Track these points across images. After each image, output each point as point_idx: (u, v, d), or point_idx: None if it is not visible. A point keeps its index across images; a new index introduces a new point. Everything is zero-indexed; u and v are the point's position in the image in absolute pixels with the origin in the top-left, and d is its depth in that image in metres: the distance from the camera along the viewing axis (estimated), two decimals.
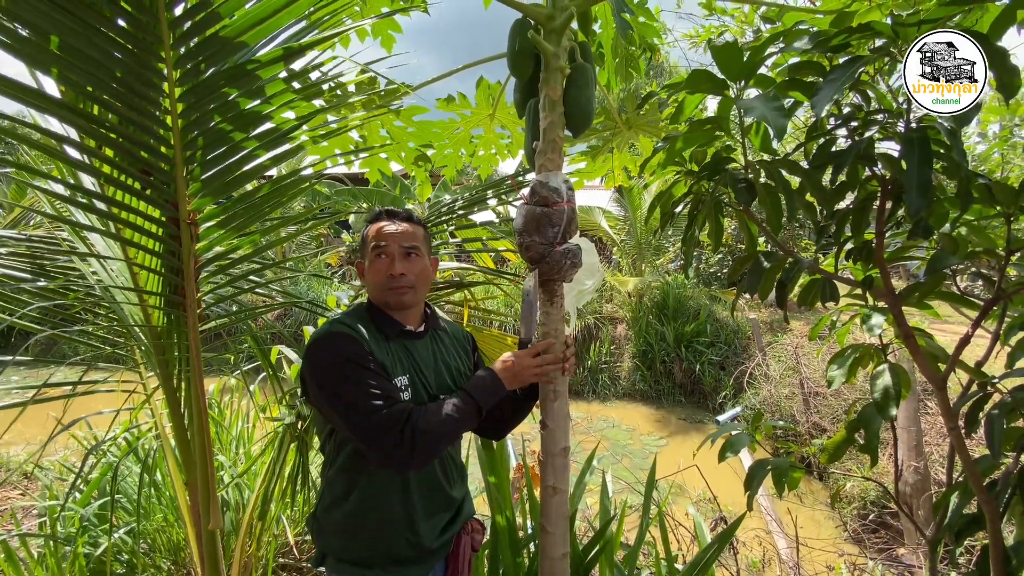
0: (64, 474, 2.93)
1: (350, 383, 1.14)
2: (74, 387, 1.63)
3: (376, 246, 1.28)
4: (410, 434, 1.11)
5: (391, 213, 1.33)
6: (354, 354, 1.17)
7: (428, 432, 1.12)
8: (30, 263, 1.76)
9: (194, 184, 1.37)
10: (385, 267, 1.27)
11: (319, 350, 1.20)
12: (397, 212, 1.34)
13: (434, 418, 1.15)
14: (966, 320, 1.13)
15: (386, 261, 1.27)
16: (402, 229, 1.29)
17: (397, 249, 1.27)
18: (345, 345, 1.18)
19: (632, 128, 1.94)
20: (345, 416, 1.14)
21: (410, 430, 1.11)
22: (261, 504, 1.95)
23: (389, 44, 1.96)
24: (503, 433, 1.53)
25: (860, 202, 1.10)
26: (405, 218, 1.32)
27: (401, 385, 1.22)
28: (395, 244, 1.27)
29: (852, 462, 4.98)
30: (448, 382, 1.33)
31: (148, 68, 1.19)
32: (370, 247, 1.29)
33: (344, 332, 1.20)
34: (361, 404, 1.12)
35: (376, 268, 1.27)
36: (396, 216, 1.32)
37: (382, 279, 1.27)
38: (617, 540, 1.96)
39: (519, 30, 1.33)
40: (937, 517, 1.22)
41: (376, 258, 1.28)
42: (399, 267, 1.26)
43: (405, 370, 1.25)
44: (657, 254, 9.72)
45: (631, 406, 7.77)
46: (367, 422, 1.11)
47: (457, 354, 1.41)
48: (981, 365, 1.08)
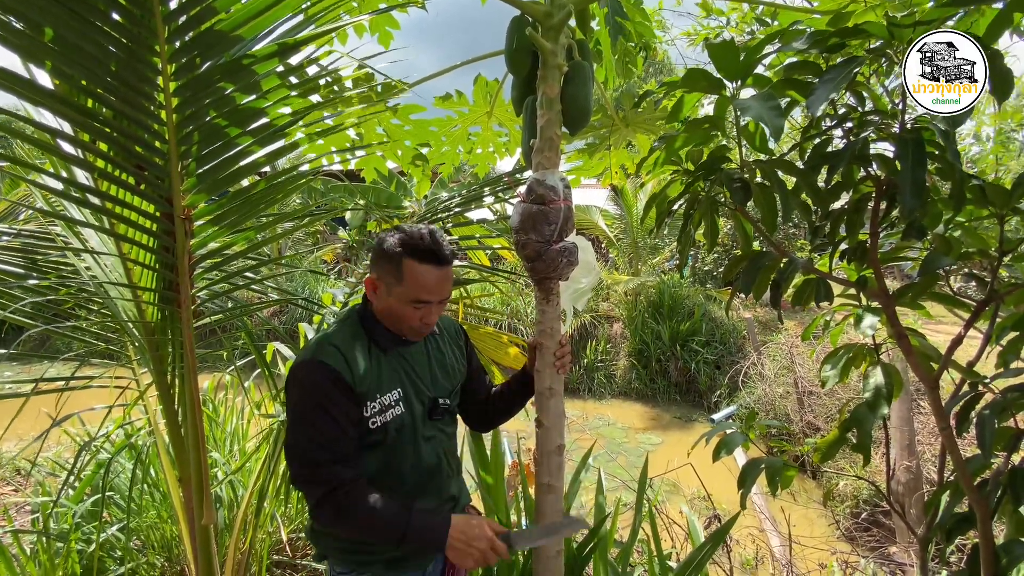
0: (57, 471, 2.91)
1: (307, 424, 1.14)
2: (67, 382, 1.62)
3: (418, 300, 1.18)
4: (340, 502, 1.12)
5: (440, 257, 1.18)
6: (324, 396, 1.13)
7: (354, 518, 1.12)
8: (23, 258, 1.75)
9: (189, 179, 1.36)
10: (419, 316, 1.21)
11: (296, 376, 1.17)
12: (445, 255, 1.19)
13: (364, 512, 1.12)
14: (959, 321, 1.14)
15: (424, 312, 1.20)
16: (447, 280, 1.21)
17: (437, 304, 1.22)
18: (321, 380, 1.14)
19: (629, 126, 1.94)
20: (290, 450, 1.17)
21: (344, 500, 1.12)
22: (255, 501, 1.95)
23: (387, 40, 1.95)
24: (490, 427, 1.56)
25: (855, 203, 1.10)
26: (450, 260, 1.20)
27: (391, 400, 1.22)
28: (439, 299, 1.21)
29: (845, 461, 5.01)
30: (443, 383, 1.34)
31: (142, 62, 1.18)
32: (411, 295, 1.17)
33: (325, 365, 1.14)
34: (307, 450, 1.14)
35: (410, 314, 1.20)
36: (445, 261, 1.19)
37: (413, 324, 1.21)
38: (611, 538, 1.97)
39: (517, 27, 1.33)
40: (928, 516, 1.23)
41: (413, 306, 1.19)
42: (434, 319, 1.22)
43: (398, 382, 1.25)
44: (653, 253, 9.74)
45: (627, 404, 7.79)
46: (303, 470, 1.14)
47: (451, 351, 1.41)
48: (973, 365, 1.09)
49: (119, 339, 1.81)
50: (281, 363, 2.21)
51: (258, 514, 1.98)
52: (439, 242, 1.19)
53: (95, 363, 1.84)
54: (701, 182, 1.20)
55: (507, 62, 1.39)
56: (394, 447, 1.24)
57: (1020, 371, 1.05)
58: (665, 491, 4.78)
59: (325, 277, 9.92)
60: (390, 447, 1.23)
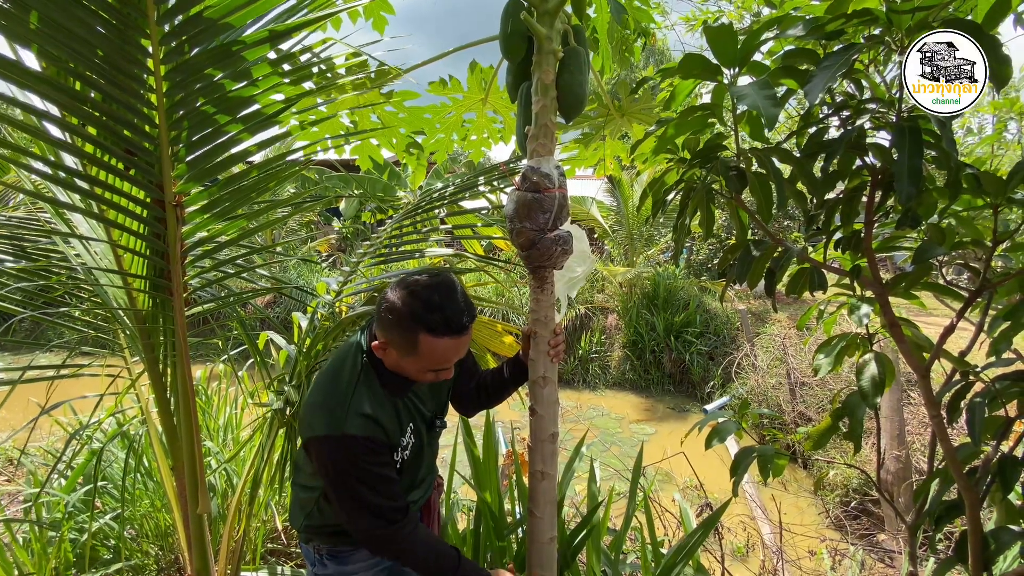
0: (49, 460, 2.90)
1: (360, 494, 1.15)
2: (57, 371, 1.61)
3: (436, 369, 1.16)
4: (402, 551, 1.20)
5: (459, 328, 1.10)
6: (367, 465, 1.13)
7: (408, 554, 1.21)
8: (10, 244, 1.72)
9: (180, 166, 1.34)
10: (433, 377, 1.19)
11: (331, 452, 1.14)
12: (462, 323, 1.11)
13: (420, 553, 1.21)
14: (950, 312, 1.14)
15: (439, 373, 1.18)
16: (466, 343, 1.16)
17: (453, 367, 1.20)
18: (360, 452, 1.12)
19: (625, 115, 1.93)
20: (353, 514, 1.17)
21: (404, 541, 1.18)
22: (250, 489, 1.95)
23: (381, 26, 1.93)
24: (474, 411, 1.56)
25: (850, 192, 1.10)
26: (468, 324, 1.13)
27: (408, 438, 1.25)
28: (453, 363, 1.19)
29: (836, 450, 5.06)
30: (438, 400, 1.38)
31: (132, 44, 1.16)
32: (427, 363, 1.13)
33: (358, 439, 1.11)
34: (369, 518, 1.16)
35: (423, 375, 1.17)
36: (462, 330, 1.12)
37: (425, 379, 1.19)
38: (604, 525, 1.98)
39: (512, 11, 1.31)
40: (917, 504, 1.24)
41: (429, 371, 1.16)
42: (446, 376, 1.20)
43: (410, 419, 1.26)
44: (648, 244, 9.74)
45: (621, 395, 7.83)
46: (375, 526, 1.16)
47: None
48: (965, 355, 1.10)
49: (110, 327, 1.79)
50: (274, 352, 2.19)
51: (252, 502, 1.97)
52: (455, 308, 1.10)
53: (86, 351, 1.82)
54: (697, 170, 1.19)
55: (501, 47, 1.38)
56: (408, 469, 1.29)
57: (1011, 360, 1.06)
58: (658, 480, 4.82)
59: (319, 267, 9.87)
60: (405, 469, 1.28)
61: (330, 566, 1.33)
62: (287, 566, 2.39)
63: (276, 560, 2.51)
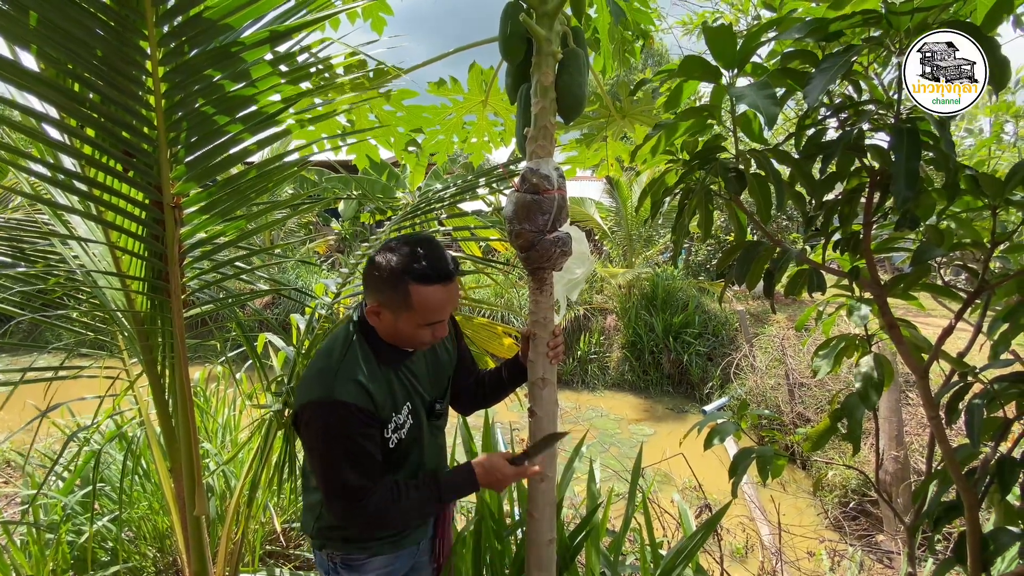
0: (47, 462, 2.89)
1: (338, 465, 1.14)
2: (55, 372, 1.60)
3: (431, 322, 1.17)
4: (380, 517, 1.17)
5: (446, 275, 1.14)
6: (352, 434, 1.13)
7: (394, 519, 1.20)
8: (9, 246, 1.72)
9: (179, 167, 1.34)
10: (431, 333, 1.19)
11: (317, 417, 1.14)
12: (450, 271, 1.15)
13: (403, 511, 1.18)
14: (949, 313, 1.14)
15: (436, 328, 1.19)
16: (456, 293, 1.19)
17: (447, 321, 1.21)
18: (346, 419, 1.12)
19: (626, 117, 1.93)
20: (329, 486, 1.16)
21: (381, 513, 1.16)
22: (248, 491, 1.94)
23: (380, 27, 1.93)
24: (473, 410, 1.56)
25: (848, 193, 1.10)
26: (455, 272, 1.17)
27: (404, 417, 1.24)
28: (447, 316, 1.20)
29: (834, 451, 5.06)
30: (438, 384, 1.37)
31: (130, 46, 1.16)
32: (420, 315, 1.14)
33: (346, 404, 1.12)
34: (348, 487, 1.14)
35: (420, 334, 1.18)
36: (451, 278, 1.15)
37: (423, 341, 1.20)
38: (603, 527, 1.98)
39: (511, 13, 1.31)
40: (916, 505, 1.24)
41: (424, 326, 1.17)
42: (445, 331, 1.21)
43: (406, 397, 1.25)
44: (647, 245, 9.75)
45: (620, 396, 7.83)
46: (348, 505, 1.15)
47: (444, 347, 1.41)
48: (963, 356, 1.10)
49: (108, 329, 1.78)
50: (273, 354, 2.19)
51: (250, 504, 1.97)
52: (440, 256, 1.14)
53: (84, 353, 1.82)
54: (696, 172, 1.19)
55: (501, 48, 1.38)
56: (404, 453, 1.27)
57: (1009, 361, 1.07)
58: (657, 481, 4.82)
59: (318, 268, 9.86)
60: (401, 454, 1.26)
61: (344, 575, 1.31)
62: (285, 568, 2.39)
63: (275, 562, 2.50)
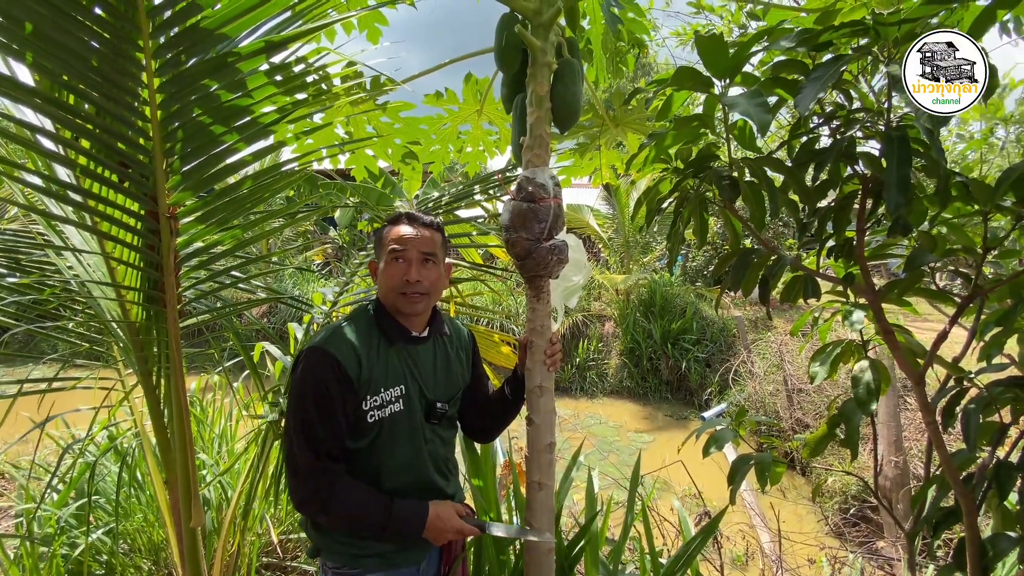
0: (42, 474, 2.86)
1: (306, 417, 1.17)
2: (49, 384, 1.59)
3: (394, 249, 1.25)
4: (326, 498, 1.17)
5: (412, 217, 1.29)
6: (325, 387, 1.16)
7: (337, 511, 1.18)
8: (5, 257, 1.72)
9: (174, 177, 1.34)
10: (401, 272, 1.24)
11: (301, 366, 1.20)
12: (418, 217, 1.30)
13: (347, 505, 1.18)
14: (943, 318, 1.15)
15: (403, 266, 1.24)
16: (422, 235, 1.27)
17: (415, 255, 1.25)
18: (325, 370, 1.17)
19: (619, 126, 1.94)
20: (287, 439, 1.20)
21: (327, 494, 1.16)
22: (244, 502, 1.93)
23: (375, 38, 1.94)
24: (490, 438, 1.59)
25: (841, 200, 1.11)
26: (426, 224, 1.29)
27: (392, 397, 1.23)
28: (414, 250, 1.25)
29: (833, 457, 5.06)
30: (445, 388, 1.35)
31: (126, 57, 1.16)
32: (387, 249, 1.26)
33: (331, 356, 1.17)
34: (300, 443, 1.17)
35: (392, 272, 1.25)
36: (417, 220, 1.29)
37: (397, 283, 1.24)
38: (602, 535, 1.97)
39: (506, 24, 1.33)
40: (915, 510, 1.24)
41: (393, 261, 1.25)
42: (415, 274, 1.24)
43: (400, 379, 1.25)
44: (645, 252, 9.78)
45: (618, 403, 7.82)
46: (295, 461, 1.18)
47: (458, 357, 1.40)
48: (958, 361, 1.10)
49: (104, 339, 1.78)
50: (270, 363, 2.18)
51: (247, 516, 1.95)
52: (414, 212, 1.31)
53: (80, 364, 1.81)
54: (690, 180, 1.20)
55: (496, 59, 1.39)
56: (386, 443, 1.24)
57: (1004, 366, 1.07)
58: (657, 489, 4.80)
59: (315, 276, 9.85)
60: (383, 443, 1.23)
61: None
62: None
63: (271, 574, 2.48)
